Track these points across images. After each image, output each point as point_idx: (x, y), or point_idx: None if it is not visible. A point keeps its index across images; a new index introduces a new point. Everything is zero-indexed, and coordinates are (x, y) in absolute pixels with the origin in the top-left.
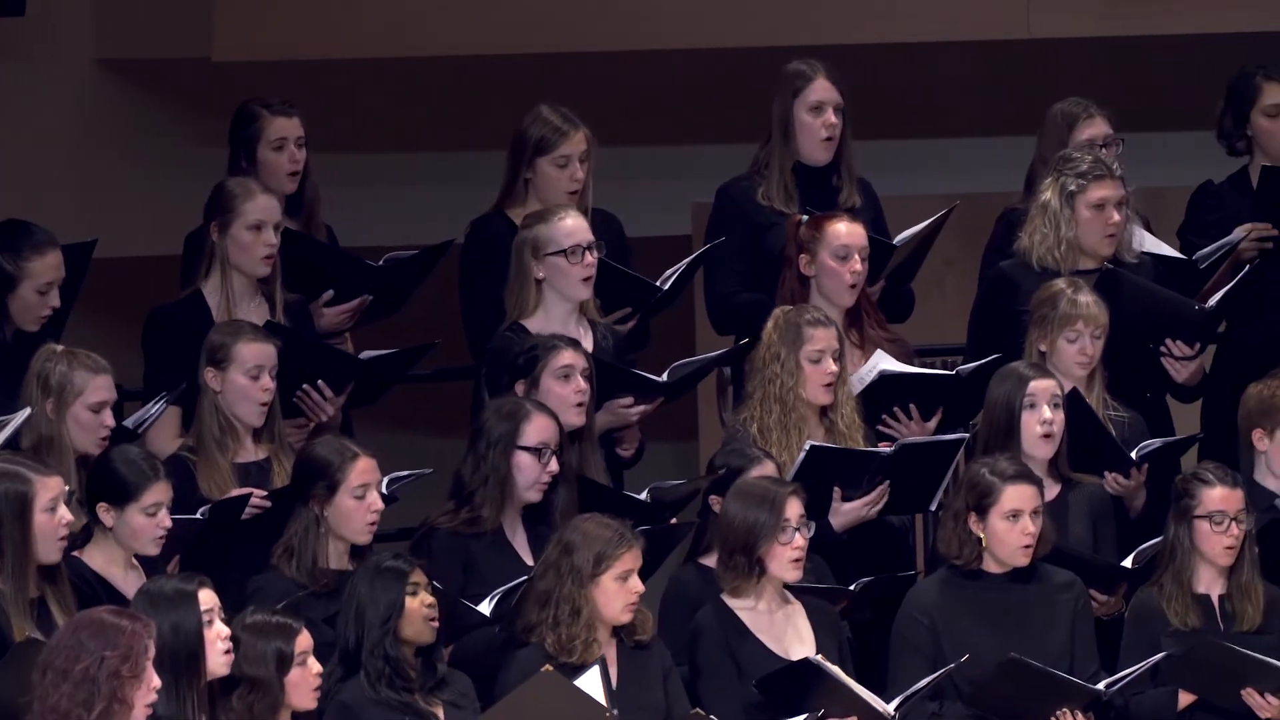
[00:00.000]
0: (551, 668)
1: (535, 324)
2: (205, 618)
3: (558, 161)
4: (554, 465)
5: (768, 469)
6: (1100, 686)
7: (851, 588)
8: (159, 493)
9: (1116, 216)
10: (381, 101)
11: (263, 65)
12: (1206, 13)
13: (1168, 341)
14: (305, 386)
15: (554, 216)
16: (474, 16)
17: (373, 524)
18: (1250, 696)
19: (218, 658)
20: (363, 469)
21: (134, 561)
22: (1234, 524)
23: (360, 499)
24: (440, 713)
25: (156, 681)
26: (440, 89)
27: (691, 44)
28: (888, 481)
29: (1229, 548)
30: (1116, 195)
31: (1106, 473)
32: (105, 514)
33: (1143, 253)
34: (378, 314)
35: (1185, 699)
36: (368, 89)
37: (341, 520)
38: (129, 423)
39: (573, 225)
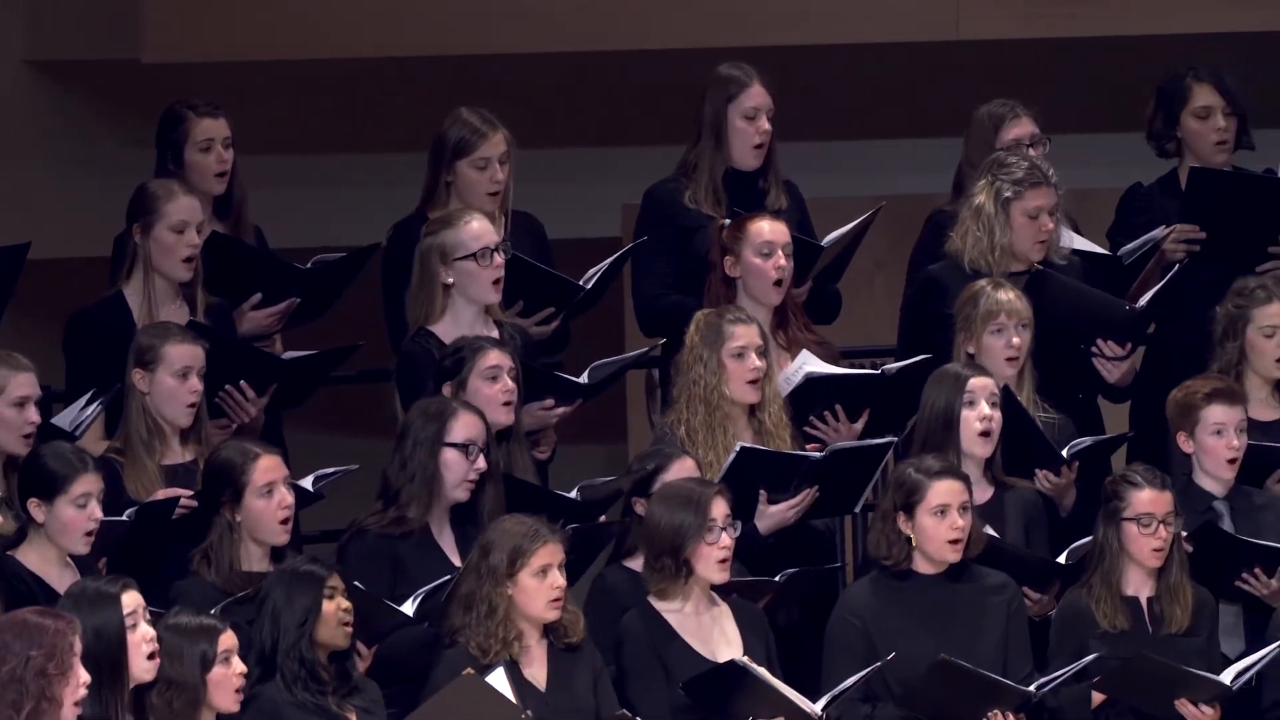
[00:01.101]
0: (472, 671)
1: (443, 329)
2: (129, 621)
3: (477, 163)
4: (481, 463)
5: (687, 465)
6: (1031, 689)
7: (777, 578)
8: (88, 483)
9: (1050, 223)
10: (310, 103)
11: (192, 67)
12: (1135, 14)
13: (1099, 342)
14: (228, 387)
15: (459, 221)
16: (404, 18)
17: (286, 521)
18: (1184, 707)
19: (141, 661)
20: (265, 467)
21: (68, 560)
22: (1162, 526)
23: (268, 498)
24: (353, 718)
25: (85, 678)
26: (369, 91)
27: (619, 45)
28: (815, 487)
29: (1157, 550)
30: (1051, 202)
31: (1037, 470)
32: (36, 509)
33: (1072, 252)
34: (306, 316)
35: (1099, 697)
36: (296, 91)
37: (253, 521)
38: (63, 424)
39: (479, 228)
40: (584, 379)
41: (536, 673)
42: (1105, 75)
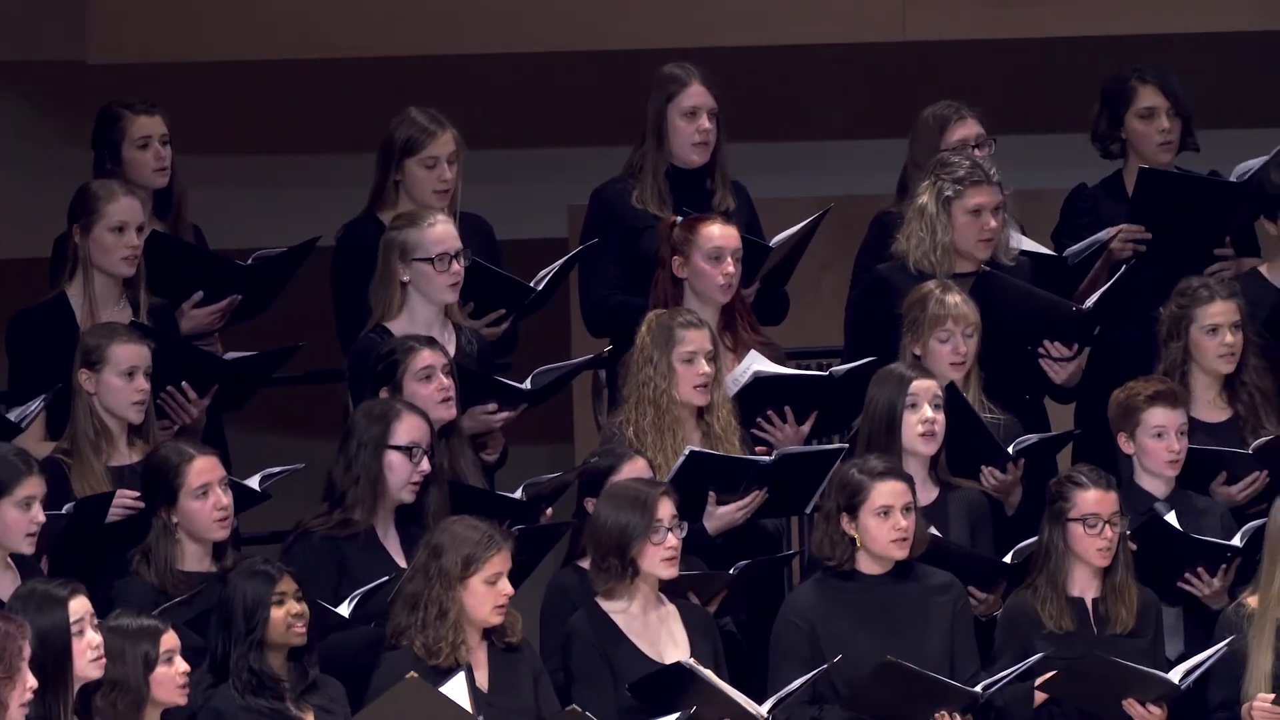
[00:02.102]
0: (416, 675)
1: (400, 326)
2: (76, 627)
3: (425, 162)
4: (425, 465)
5: (638, 465)
6: (978, 689)
7: (730, 571)
8: (32, 486)
9: (993, 222)
10: (254, 104)
11: (137, 67)
12: (1080, 16)
13: (1046, 343)
14: (169, 388)
15: (423, 221)
16: (350, 19)
17: (222, 520)
18: (1132, 707)
19: (87, 666)
20: (200, 468)
21: (9, 561)
22: (1107, 526)
23: (203, 499)
24: (310, 718)
25: (32, 682)
26: (313, 92)
27: (567, 46)
28: (764, 490)
29: (1103, 550)
30: (994, 200)
31: (983, 467)
32: None
33: (1020, 253)
34: (247, 313)
35: (1042, 696)
36: (241, 91)
37: (190, 522)
38: (11, 416)
39: (441, 232)
40: (528, 385)
41: (479, 675)
42: (1050, 76)
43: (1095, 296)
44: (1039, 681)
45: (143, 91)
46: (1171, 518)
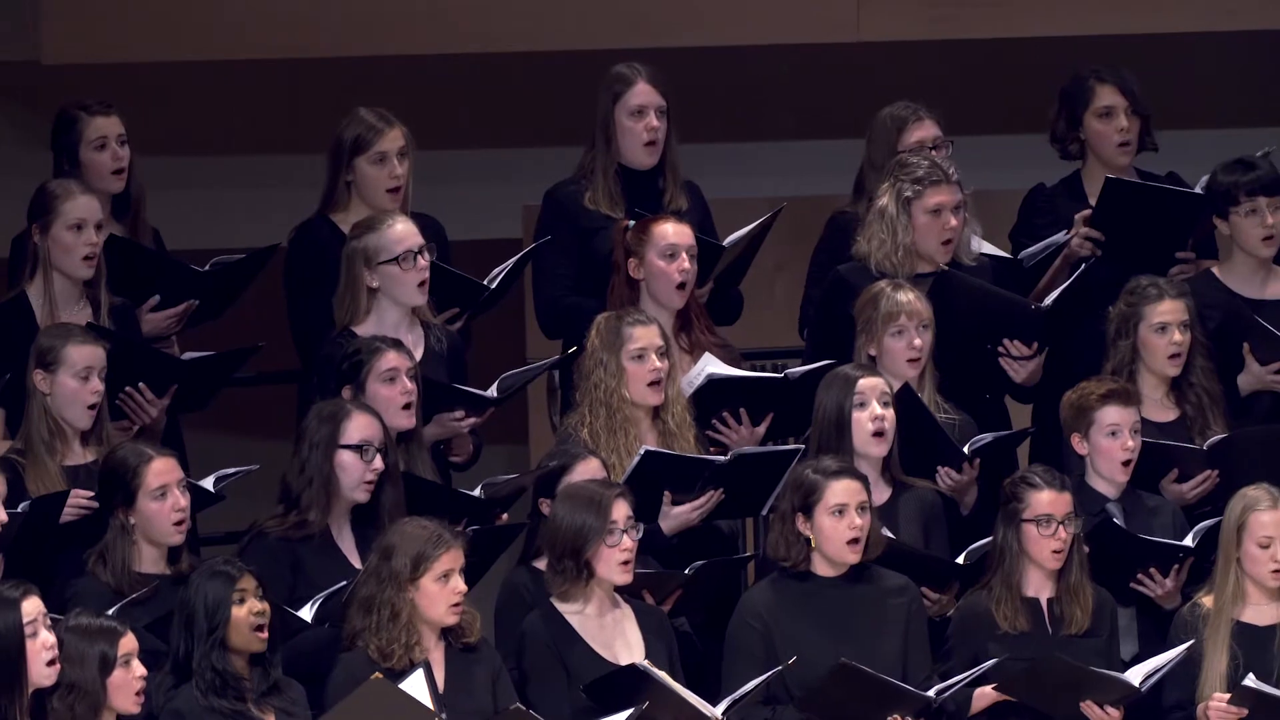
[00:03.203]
0: (380, 675)
1: (367, 330)
2: (29, 629)
3: (374, 159)
4: (378, 463)
5: (592, 465)
6: (931, 693)
7: (686, 571)
8: None
9: (953, 221)
10: (210, 105)
11: (93, 68)
12: (1037, 16)
13: (1005, 342)
14: (128, 389)
15: (383, 224)
16: (304, 21)
17: (179, 523)
18: (1089, 709)
19: (41, 668)
20: (159, 470)
21: None
22: (1061, 527)
23: (161, 500)
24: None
25: None
26: (268, 92)
27: (520, 47)
28: (720, 490)
29: (1056, 551)
30: (953, 200)
31: (939, 467)
32: None
33: (981, 254)
34: (204, 318)
35: (980, 703)
36: (196, 92)
37: (147, 524)
38: None
39: (403, 231)
40: (493, 391)
41: (435, 675)
42: (1005, 77)
43: (1054, 295)
44: (994, 685)
45: (99, 92)
46: (1119, 520)
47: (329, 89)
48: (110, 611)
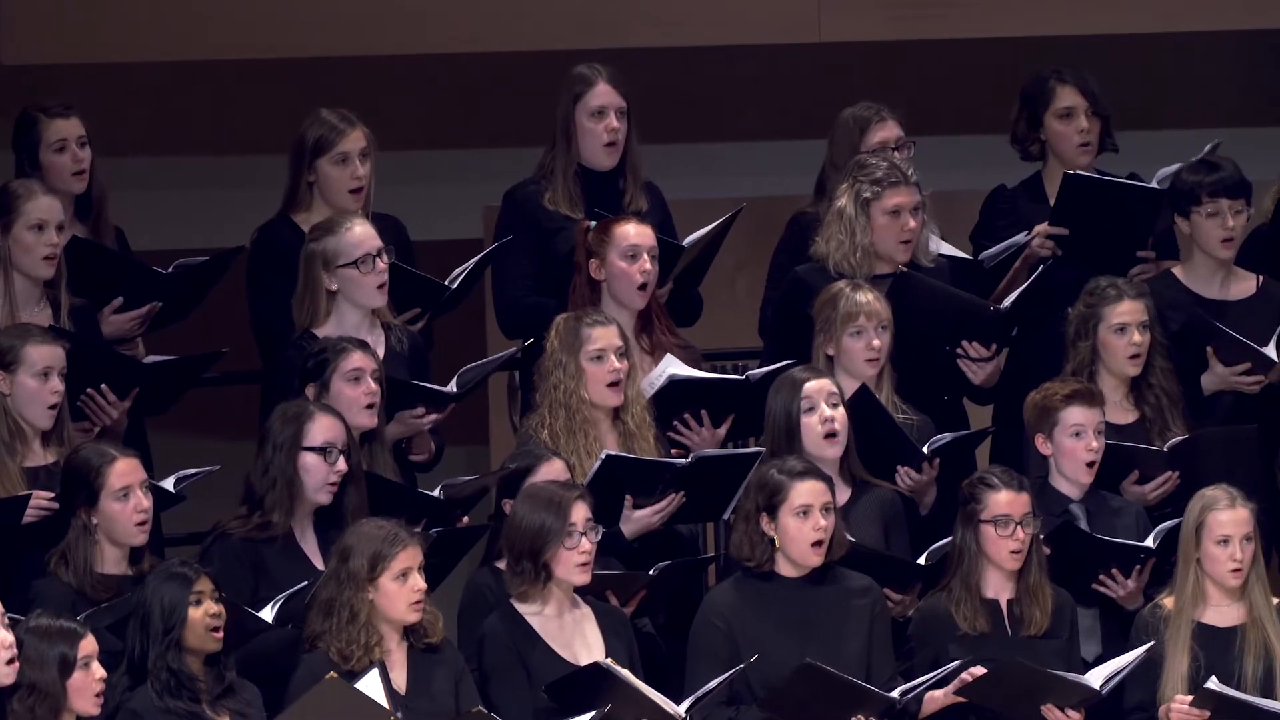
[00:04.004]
0: (335, 674)
1: (327, 332)
2: None
3: (336, 159)
4: (341, 465)
5: (555, 467)
6: (895, 694)
7: (650, 572)
8: None
9: (912, 223)
10: (172, 105)
11: (54, 69)
12: (998, 17)
13: (964, 343)
14: (90, 390)
15: (341, 227)
16: (265, 20)
17: (142, 524)
18: (1050, 712)
19: (0, 667)
20: (122, 470)
21: None
22: (1019, 528)
23: (124, 501)
24: None
25: None
26: (231, 93)
27: (481, 48)
28: (681, 493)
29: (1015, 552)
30: (912, 201)
31: (899, 467)
32: None
33: (939, 255)
34: (168, 319)
35: (929, 707)
36: (159, 93)
37: (109, 524)
38: None
39: (361, 234)
40: (452, 387)
41: (397, 676)
42: (966, 78)
43: (1013, 296)
44: (954, 686)
45: (61, 93)
46: (1083, 524)
47: (291, 90)
48: (79, 618)
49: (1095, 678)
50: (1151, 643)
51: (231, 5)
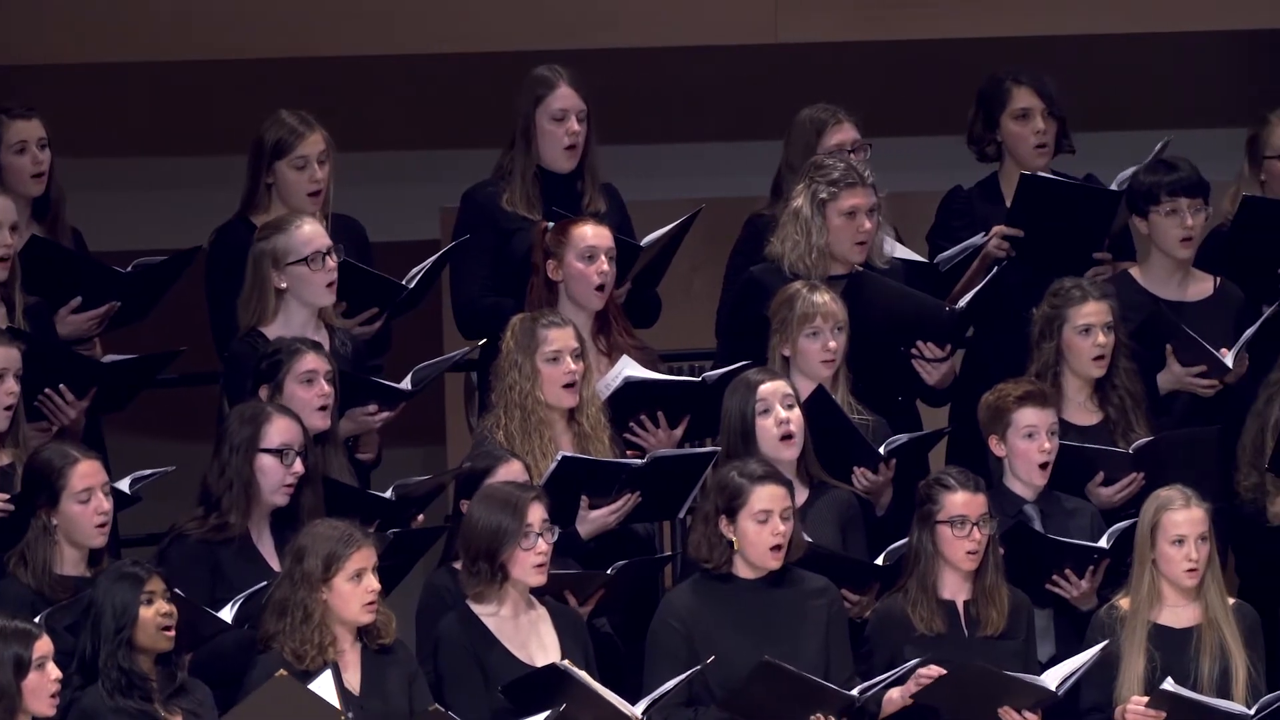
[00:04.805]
0: (285, 673)
1: (274, 331)
2: None
3: (295, 163)
4: (298, 466)
5: (514, 468)
6: (854, 693)
7: (609, 571)
8: None
9: (868, 224)
10: (130, 106)
11: (10, 69)
12: (955, 18)
13: (919, 344)
14: (47, 390)
15: (290, 225)
16: (224, 21)
17: (102, 526)
18: (1007, 714)
19: None
20: (84, 472)
21: None
22: (976, 529)
23: (85, 503)
24: None
25: None
26: (189, 94)
27: (438, 49)
28: (637, 493)
29: (971, 553)
30: (868, 203)
31: (855, 468)
32: None
33: (893, 258)
34: (126, 319)
35: (889, 708)
36: (117, 93)
37: (70, 526)
38: None
39: (310, 232)
40: (407, 384)
41: (351, 677)
42: (923, 79)
43: (968, 297)
44: (913, 689)
45: (19, 93)
46: (1037, 525)
47: (249, 90)
48: (37, 619)
49: (1051, 679)
50: (1106, 642)
51: (190, 6)
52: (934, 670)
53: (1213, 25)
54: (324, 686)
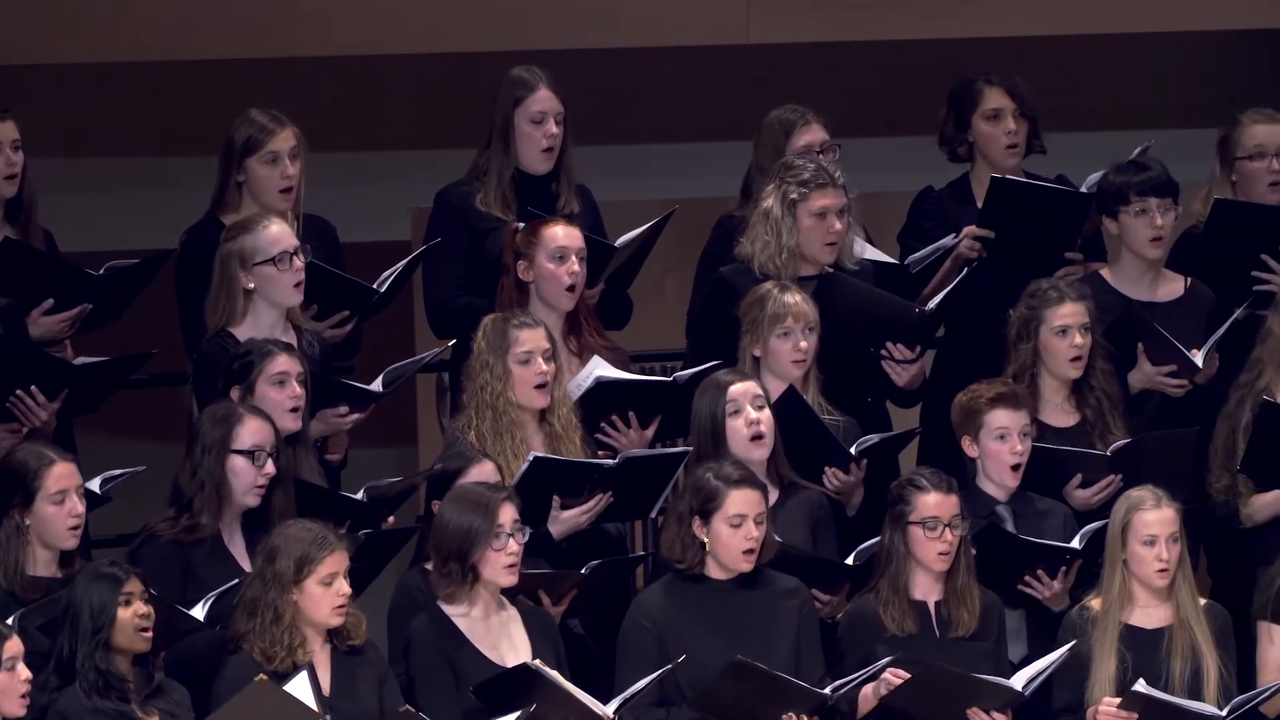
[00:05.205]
0: (265, 677)
1: (243, 332)
2: None
3: (266, 158)
4: (270, 468)
5: (486, 469)
6: (826, 691)
7: (583, 571)
8: None
9: (838, 225)
10: (101, 107)
11: None
12: (926, 18)
13: (888, 345)
14: (19, 392)
15: (257, 225)
16: (194, 21)
17: (75, 528)
18: (976, 715)
19: None
20: (60, 474)
21: None
22: (948, 530)
23: (59, 504)
24: None
25: None
26: (159, 94)
27: (410, 49)
28: (609, 493)
29: (943, 554)
30: (838, 203)
31: (826, 468)
32: None
33: (863, 259)
34: (98, 321)
35: (865, 706)
36: (87, 94)
37: (43, 527)
38: None
39: (277, 232)
40: (378, 386)
41: (321, 677)
42: (895, 79)
43: (938, 299)
44: (884, 692)
45: None
46: (1009, 527)
47: (221, 91)
48: (9, 620)
49: (1019, 679)
50: (1074, 642)
51: (159, 6)
52: (900, 672)
53: (1183, 26)
54: (300, 688)
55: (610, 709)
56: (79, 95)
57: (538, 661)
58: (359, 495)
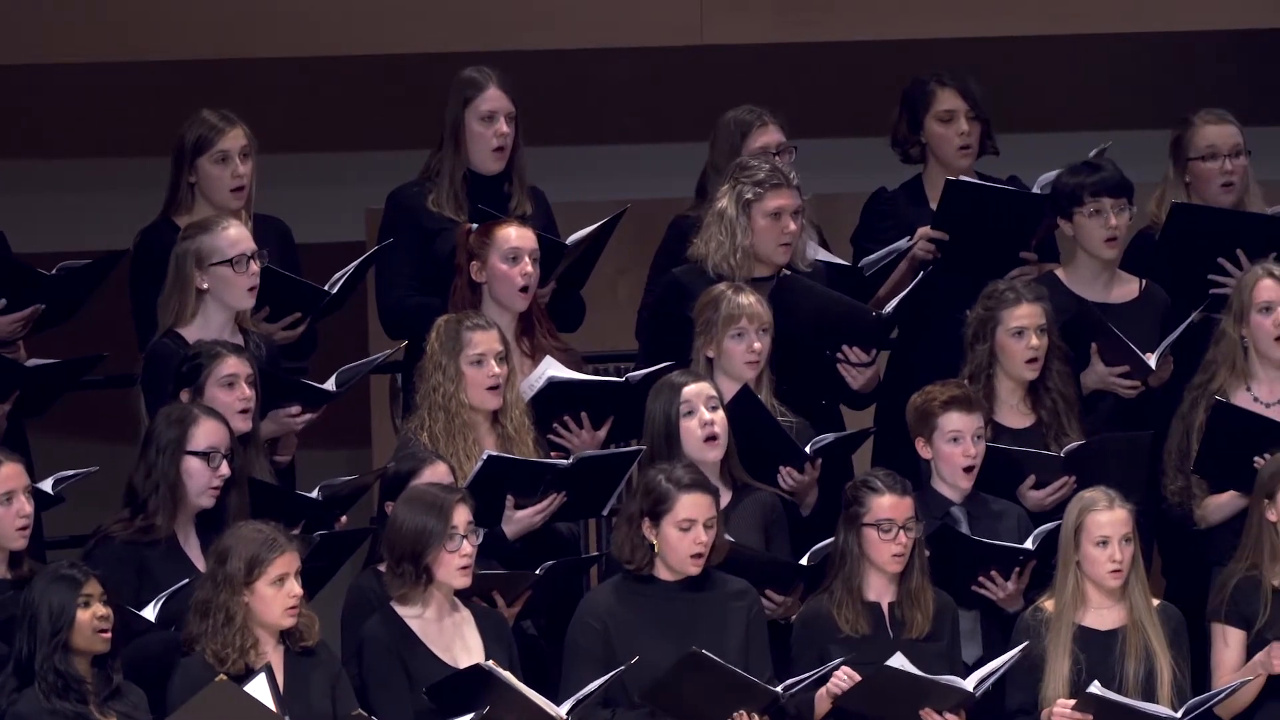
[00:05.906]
0: (225, 677)
1: (192, 333)
2: None
3: (217, 158)
4: (224, 469)
5: (439, 470)
6: (779, 689)
7: (537, 571)
8: None
9: (792, 225)
10: (53, 107)
11: None
12: (880, 20)
13: (844, 348)
14: None
15: (216, 226)
16: (147, 22)
17: (23, 529)
18: (929, 716)
19: None
20: (5, 475)
21: None
22: (902, 532)
23: (7, 505)
24: None
25: None
26: (112, 95)
27: (363, 50)
28: (562, 493)
29: (897, 555)
30: (793, 204)
31: (781, 468)
32: None
33: (816, 261)
34: (51, 322)
35: (821, 707)
36: (41, 94)
37: None
38: None
39: (236, 234)
40: (330, 385)
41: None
42: (848, 81)
43: (894, 301)
44: (840, 695)
45: None
46: (964, 528)
47: (175, 92)
48: None
49: (971, 680)
50: (1026, 643)
51: (112, 8)
52: (852, 673)
53: (1135, 27)
54: (259, 690)
55: (564, 710)
56: (31, 96)
57: (490, 662)
58: (314, 494)
